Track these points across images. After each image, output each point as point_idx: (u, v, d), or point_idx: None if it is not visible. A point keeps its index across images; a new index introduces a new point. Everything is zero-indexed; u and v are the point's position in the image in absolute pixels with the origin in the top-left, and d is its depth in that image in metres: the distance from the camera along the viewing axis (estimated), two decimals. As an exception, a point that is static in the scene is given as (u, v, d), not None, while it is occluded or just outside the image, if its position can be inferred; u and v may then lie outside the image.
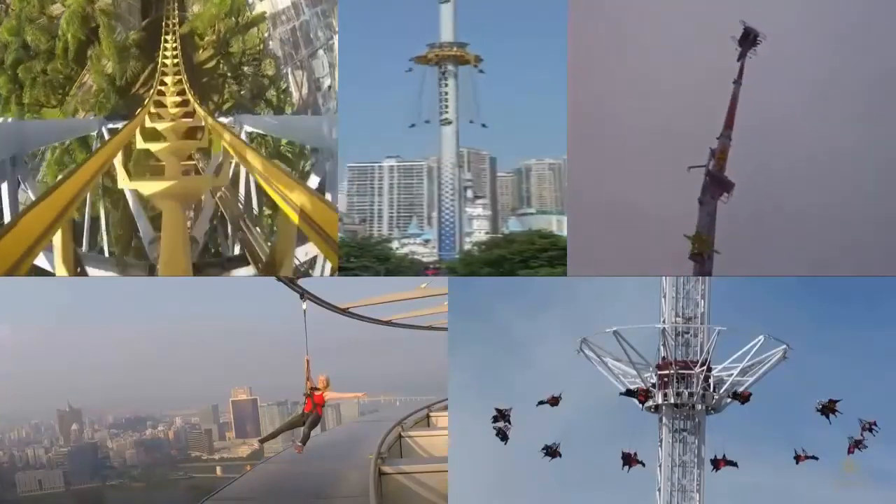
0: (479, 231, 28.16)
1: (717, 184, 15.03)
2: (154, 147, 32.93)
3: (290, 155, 43.31)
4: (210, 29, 48.22)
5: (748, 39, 15.16)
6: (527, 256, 23.61)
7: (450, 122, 29.34)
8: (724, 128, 15.16)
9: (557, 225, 28.44)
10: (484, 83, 31.25)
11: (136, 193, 28.83)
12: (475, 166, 29.58)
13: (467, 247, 27.38)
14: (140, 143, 32.97)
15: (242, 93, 47.43)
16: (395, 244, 28.43)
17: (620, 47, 19.90)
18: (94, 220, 36.27)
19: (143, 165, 34.11)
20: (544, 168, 33.84)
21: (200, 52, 48.58)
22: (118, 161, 28.26)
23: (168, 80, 42.33)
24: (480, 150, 29.09)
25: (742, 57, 15.15)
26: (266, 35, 47.85)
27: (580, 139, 19.77)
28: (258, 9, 47.69)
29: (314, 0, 44.38)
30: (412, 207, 29.77)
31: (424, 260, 27.65)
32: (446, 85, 31.17)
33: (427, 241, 28.02)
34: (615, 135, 19.73)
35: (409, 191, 30.38)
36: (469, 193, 29.03)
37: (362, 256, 25.34)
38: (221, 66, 48.71)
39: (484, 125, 30.20)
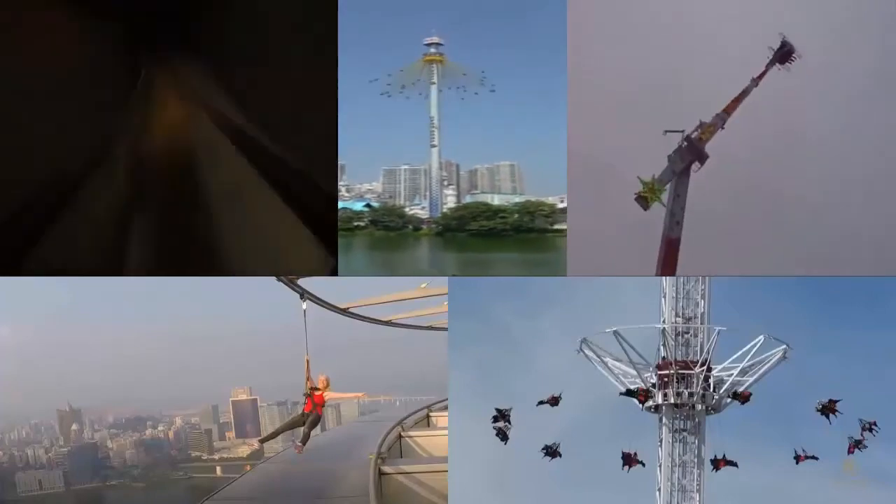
0: (449, 202, 49.72)
1: (692, 151, 15.05)
2: None
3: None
4: None
5: (782, 52, 15.16)
6: (476, 214, 45.85)
7: (435, 146, 48.71)
8: (723, 110, 15.15)
9: (491, 199, 50.18)
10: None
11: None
12: (448, 168, 51.14)
13: (444, 210, 48.51)
14: None
15: None
16: (407, 208, 48.81)
17: (620, 47, 19.90)
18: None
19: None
20: (491, 169, 54.77)
21: None
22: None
23: None
24: (451, 160, 51.79)
25: (770, 65, 15.14)
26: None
27: (580, 139, 19.77)
28: None
29: None
30: (416, 190, 51.02)
31: (422, 217, 47.80)
32: (433, 125, 48.10)
33: (423, 207, 48.65)
34: (615, 133, 19.72)
35: (415, 181, 51.43)
36: (445, 183, 50.26)
37: (390, 215, 46.79)
38: None
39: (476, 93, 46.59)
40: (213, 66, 14.21)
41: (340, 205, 45.52)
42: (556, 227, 42.46)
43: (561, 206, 42.04)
